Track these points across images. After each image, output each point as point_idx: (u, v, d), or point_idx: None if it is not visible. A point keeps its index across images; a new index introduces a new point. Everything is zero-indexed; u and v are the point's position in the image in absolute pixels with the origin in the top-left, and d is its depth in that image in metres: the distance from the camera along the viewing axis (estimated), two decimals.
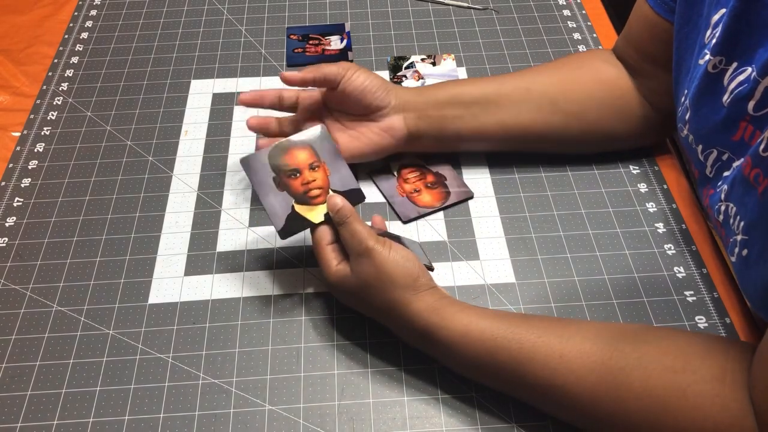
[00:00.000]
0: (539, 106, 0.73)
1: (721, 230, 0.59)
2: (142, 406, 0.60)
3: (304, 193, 0.64)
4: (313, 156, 0.66)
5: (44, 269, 0.70)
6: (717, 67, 0.56)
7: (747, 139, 0.54)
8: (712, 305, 0.66)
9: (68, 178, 0.78)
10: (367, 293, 0.59)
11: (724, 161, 0.58)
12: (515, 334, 0.55)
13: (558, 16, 0.98)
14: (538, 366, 0.54)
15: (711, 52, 0.57)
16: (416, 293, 0.58)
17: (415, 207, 0.74)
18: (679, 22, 0.64)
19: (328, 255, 0.61)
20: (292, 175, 0.64)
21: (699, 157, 0.60)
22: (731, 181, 0.55)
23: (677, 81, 0.65)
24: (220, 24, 0.98)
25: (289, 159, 0.65)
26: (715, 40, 0.57)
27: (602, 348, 0.54)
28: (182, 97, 0.88)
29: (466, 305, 0.59)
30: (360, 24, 0.98)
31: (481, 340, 0.56)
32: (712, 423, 0.49)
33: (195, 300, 0.67)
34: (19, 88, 0.90)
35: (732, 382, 0.50)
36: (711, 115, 0.58)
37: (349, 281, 0.60)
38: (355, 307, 0.63)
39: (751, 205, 0.52)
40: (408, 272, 0.59)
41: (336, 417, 0.59)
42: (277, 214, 0.63)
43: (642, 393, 0.51)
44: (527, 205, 0.75)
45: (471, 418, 0.59)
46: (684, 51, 0.63)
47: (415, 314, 0.58)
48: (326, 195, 0.64)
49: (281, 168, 0.65)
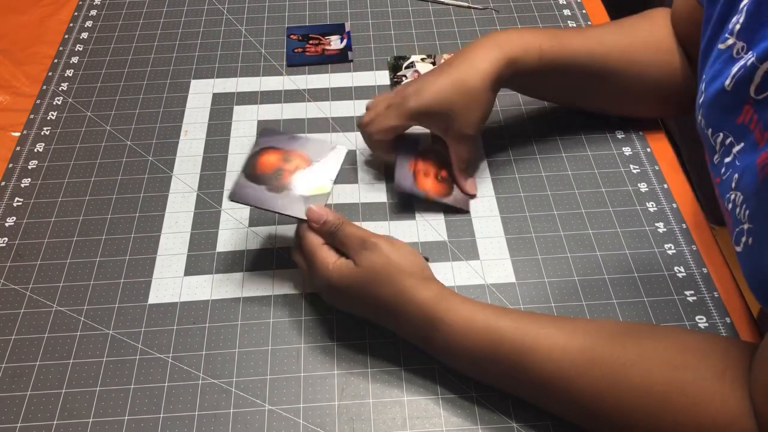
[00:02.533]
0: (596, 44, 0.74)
1: (728, 219, 0.58)
2: (142, 406, 0.60)
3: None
4: (277, 151, 0.67)
5: (44, 269, 0.70)
6: (739, 53, 0.56)
7: (747, 122, 0.54)
8: (713, 305, 0.66)
9: (68, 178, 0.78)
10: (373, 284, 0.58)
11: (727, 146, 0.57)
12: (518, 326, 0.56)
13: (558, 15, 0.98)
14: (540, 358, 0.54)
15: (736, 37, 0.56)
16: (424, 281, 0.59)
17: (413, 184, 0.73)
18: (708, 10, 0.63)
19: (325, 253, 0.61)
20: (279, 177, 0.65)
21: (711, 141, 0.60)
22: (742, 169, 0.55)
23: (702, 65, 0.65)
24: (220, 24, 0.98)
25: (261, 168, 0.66)
26: (739, 25, 0.56)
27: (604, 343, 0.54)
28: (182, 97, 0.88)
29: (469, 298, 0.59)
30: (360, 24, 0.98)
31: (485, 329, 0.56)
32: (711, 420, 0.49)
33: (195, 300, 0.67)
34: (19, 88, 0.90)
35: (732, 380, 0.50)
36: (720, 96, 0.57)
37: (352, 274, 0.59)
38: (352, 307, 0.62)
39: (757, 194, 0.52)
40: (415, 261, 0.59)
41: (336, 417, 0.59)
42: (297, 209, 0.63)
43: (642, 389, 0.51)
44: (527, 204, 0.75)
45: (471, 418, 0.59)
46: (710, 37, 0.63)
47: (423, 301, 0.58)
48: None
49: (266, 178, 0.65)
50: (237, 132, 0.83)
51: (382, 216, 0.74)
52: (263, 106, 0.86)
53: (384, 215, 0.74)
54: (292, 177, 0.65)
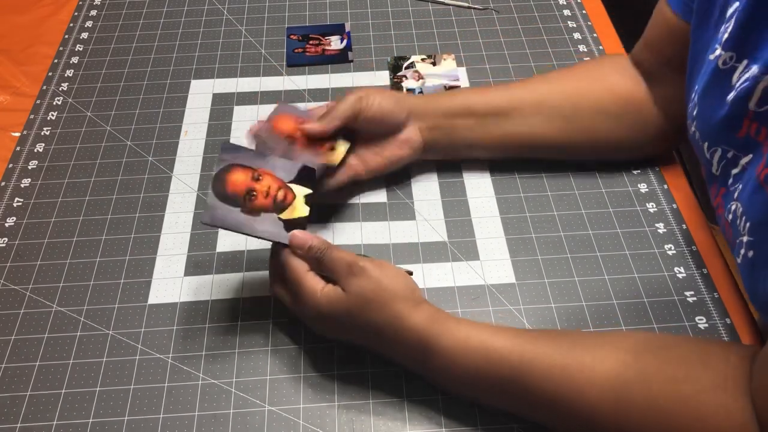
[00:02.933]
0: (550, 119, 0.73)
1: (729, 230, 0.58)
2: (142, 407, 0.60)
3: (274, 203, 0.62)
4: (245, 169, 0.63)
5: (44, 269, 0.70)
6: (727, 63, 0.56)
7: (753, 135, 0.54)
8: (713, 306, 0.66)
9: (68, 178, 0.78)
10: (364, 310, 0.57)
11: (730, 159, 0.57)
12: (515, 345, 0.55)
13: (558, 16, 0.98)
14: (539, 378, 0.53)
15: (722, 47, 0.56)
16: (416, 304, 0.57)
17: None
18: (696, 19, 0.63)
19: (311, 280, 0.59)
20: (252, 198, 0.61)
21: (705, 154, 0.60)
22: (746, 181, 0.55)
23: (690, 77, 0.65)
24: (220, 24, 0.98)
25: (232, 187, 0.61)
26: (727, 35, 0.56)
27: (603, 359, 0.53)
28: (182, 97, 0.88)
29: (463, 319, 0.58)
30: (360, 24, 0.98)
31: (483, 350, 0.55)
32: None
33: (195, 300, 0.67)
34: (19, 88, 0.90)
35: (733, 389, 0.49)
36: (715, 112, 0.57)
37: (341, 302, 0.57)
38: (343, 335, 0.61)
39: (759, 206, 0.51)
40: (406, 284, 0.58)
41: (336, 417, 0.59)
42: (278, 234, 0.61)
43: (645, 405, 0.51)
44: (527, 205, 0.75)
45: (471, 418, 0.59)
46: (700, 47, 0.63)
47: (416, 324, 0.56)
48: (290, 189, 0.62)
49: (238, 200, 0.61)
50: (237, 132, 0.83)
51: (382, 216, 0.74)
52: (263, 107, 0.86)
53: (384, 215, 0.74)
54: (266, 202, 0.62)
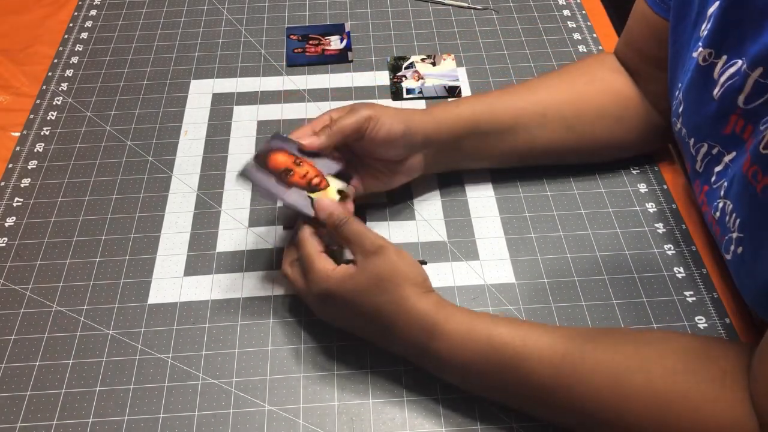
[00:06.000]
0: (553, 129, 0.73)
1: (716, 228, 0.59)
2: (142, 406, 0.60)
3: (308, 185, 0.64)
4: (289, 154, 0.65)
5: (44, 269, 0.70)
6: (707, 59, 0.57)
7: (738, 132, 0.54)
8: (712, 306, 0.66)
9: (68, 178, 0.78)
10: (375, 290, 0.57)
11: (714, 155, 0.58)
12: (518, 333, 0.55)
13: (558, 16, 0.98)
14: (541, 364, 0.54)
15: (702, 44, 0.57)
16: (425, 292, 0.58)
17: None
18: (675, 17, 0.64)
19: (324, 260, 0.59)
20: (288, 175, 0.64)
21: (691, 150, 0.61)
22: (731, 178, 0.55)
23: (673, 75, 0.65)
24: (220, 24, 0.98)
25: (273, 163, 0.65)
26: (707, 32, 0.57)
27: (605, 349, 0.54)
28: (182, 97, 0.88)
29: (468, 309, 0.59)
30: (360, 24, 0.98)
31: (487, 337, 0.56)
32: (715, 425, 0.49)
33: (195, 300, 0.67)
34: (19, 88, 0.90)
35: (732, 383, 0.50)
36: (702, 108, 0.58)
37: (354, 278, 0.57)
38: (342, 317, 0.61)
39: (748, 203, 0.52)
40: (420, 272, 0.59)
41: (336, 417, 0.59)
42: (303, 205, 0.62)
43: (645, 395, 0.51)
44: (527, 205, 0.75)
45: (471, 418, 0.59)
46: (680, 46, 0.63)
47: (423, 308, 0.57)
48: (325, 179, 0.65)
49: (275, 173, 0.64)
50: (237, 132, 0.83)
51: (382, 216, 0.74)
52: (263, 107, 0.86)
53: (384, 215, 0.74)
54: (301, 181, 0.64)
